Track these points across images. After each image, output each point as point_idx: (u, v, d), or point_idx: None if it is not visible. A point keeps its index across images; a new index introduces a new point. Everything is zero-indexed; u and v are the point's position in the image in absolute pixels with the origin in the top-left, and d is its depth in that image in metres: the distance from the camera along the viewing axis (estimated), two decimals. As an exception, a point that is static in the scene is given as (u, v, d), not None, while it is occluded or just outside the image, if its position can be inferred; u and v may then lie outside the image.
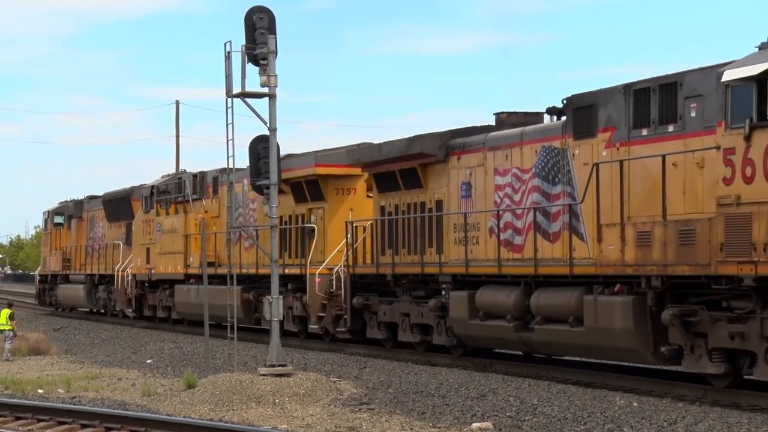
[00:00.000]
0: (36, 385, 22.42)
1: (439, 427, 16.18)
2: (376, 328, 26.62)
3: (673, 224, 18.07)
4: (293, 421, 17.09)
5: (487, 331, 22.62)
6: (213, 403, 18.85)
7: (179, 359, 26.85)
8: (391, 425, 16.34)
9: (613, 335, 19.27)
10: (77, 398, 20.42)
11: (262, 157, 20.74)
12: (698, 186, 17.97)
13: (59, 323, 43.12)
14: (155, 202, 39.53)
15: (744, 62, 17.05)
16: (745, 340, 17.05)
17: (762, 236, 16.46)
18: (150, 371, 24.78)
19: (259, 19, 20.21)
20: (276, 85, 20.40)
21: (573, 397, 18.14)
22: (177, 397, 19.78)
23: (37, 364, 27.50)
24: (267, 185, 20.67)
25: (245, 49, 20.33)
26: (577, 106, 20.83)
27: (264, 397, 18.91)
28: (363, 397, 19.10)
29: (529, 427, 15.82)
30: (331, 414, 17.59)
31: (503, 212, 22.79)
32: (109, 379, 23.34)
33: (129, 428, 15.84)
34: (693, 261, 17.62)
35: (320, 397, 19.15)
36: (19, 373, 24.84)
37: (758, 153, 16.58)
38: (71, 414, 17.01)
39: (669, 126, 18.75)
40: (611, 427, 15.48)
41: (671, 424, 15.46)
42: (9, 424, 16.90)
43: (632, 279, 18.99)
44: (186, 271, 36.59)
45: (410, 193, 25.77)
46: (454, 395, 18.90)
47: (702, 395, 17.52)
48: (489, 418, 16.53)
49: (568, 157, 21.13)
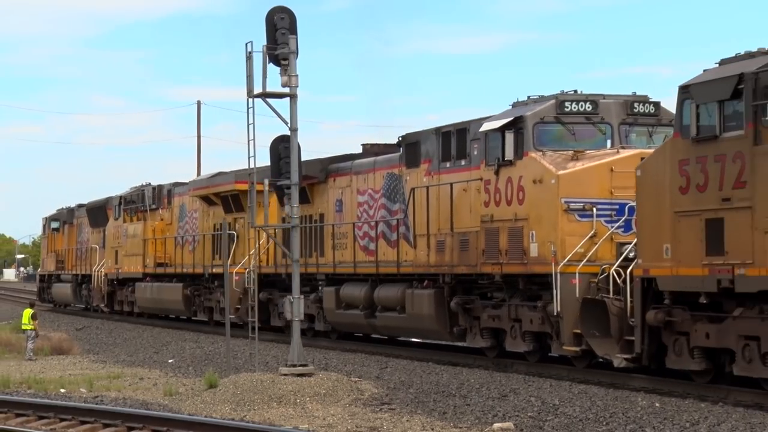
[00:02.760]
0: (58, 384, 22.45)
1: (460, 428, 16.19)
2: (276, 318, 32.31)
3: (458, 235, 23.66)
4: (314, 420, 17.10)
5: (347, 319, 28.24)
6: (234, 403, 18.86)
7: (200, 359, 27.14)
8: (412, 425, 16.39)
9: (422, 319, 24.87)
10: (99, 398, 20.45)
11: (283, 157, 20.96)
12: (476, 206, 23.49)
13: (81, 323, 43.28)
14: (123, 211, 45.20)
15: (496, 117, 22.63)
16: (501, 320, 22.68)
17: (505, 245, 22.08)
18: (171, 371, 24.91)
19: (280, 19, 20.22)
20: (297, 86, 20.40)
21: (595, 398, 18.05)
22: (198, 396, 19.75)
23: (60, 363, 27.69)
24: (288, 185, 21.10)
25: (266, 49, 20.30)
26: (408, 142, 26.36)
27: (285, 397, 18.93)
28: (384, 397, 19.10)
29: (551, 428, 15.82)
30: (352, 414, 17.59)
31: (362, 224, 28.39)
32: (131, 379, 23.49)
33: (151, 428, 15.81)
34: (468, 263, 23.24)
35: (341, 396, 19.16)
36: (42, 372, 24.98)
37: (503, 184, 22.25)
38: (93, 413, 16.97)
39: (462, 161, 24.26)
40: (633, 427, 15.49)
41: (693, 425, 15.44)
42: (32, 424, 16.89)
43: (435, 276, 24.57)
44: (144, 270, 42.27)
45: (302, 207, 31.29)
46: (476, 395, 18.88)
47: (725, 396, 17.54)
48: (510, 418, 16.56)
49: (402, 181, 26.66)
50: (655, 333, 18.76)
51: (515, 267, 21.94)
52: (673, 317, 18.36)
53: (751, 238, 16.67)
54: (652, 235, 18.59)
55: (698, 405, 17.06)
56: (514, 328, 22.34)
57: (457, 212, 23.91)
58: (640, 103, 21.95)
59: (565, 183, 20.96)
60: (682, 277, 17.97)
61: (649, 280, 18.77)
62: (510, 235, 22.05)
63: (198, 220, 38.45)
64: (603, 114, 21.82)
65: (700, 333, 17.90)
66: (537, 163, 21.47)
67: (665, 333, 18.59)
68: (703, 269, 17.51)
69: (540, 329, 21.63)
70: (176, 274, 39.30)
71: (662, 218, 18.31)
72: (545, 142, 21.67)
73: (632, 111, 21.85)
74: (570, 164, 21.25)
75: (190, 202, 39.00)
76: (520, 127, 21.88)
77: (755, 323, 16.93)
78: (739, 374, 17.36)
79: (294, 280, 21.25)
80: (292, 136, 20.79)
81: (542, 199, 21.30)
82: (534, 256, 21.46)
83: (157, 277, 41.11)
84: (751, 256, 16.68)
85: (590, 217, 20.85)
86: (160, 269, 40.69)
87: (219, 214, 36.35)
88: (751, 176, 16.69)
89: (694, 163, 17.71)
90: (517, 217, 21.89)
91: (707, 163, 17.45)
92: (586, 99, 21.84)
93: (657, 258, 18.43)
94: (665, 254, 18.26)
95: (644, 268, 18.81)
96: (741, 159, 16.86)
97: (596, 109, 21.81)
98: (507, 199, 22.09)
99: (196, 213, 38.48)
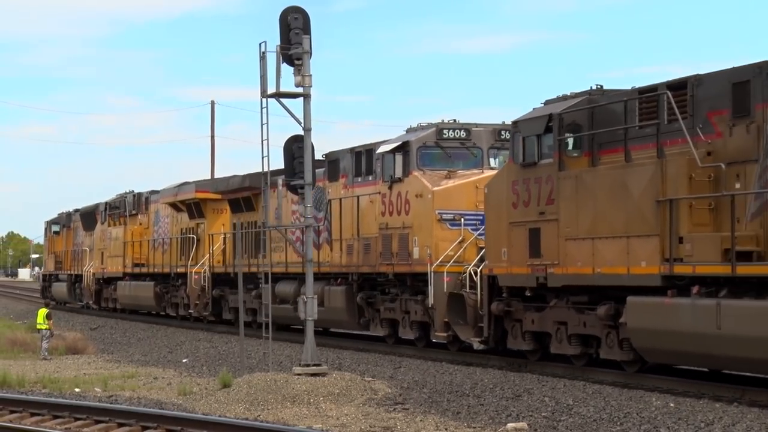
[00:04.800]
0: (73, 384, 22.56)
1: (474, 428, 16.20)
2: (227, 312, 36.84)
3: (363, 240, 28.12)
4: (328, 420, 17.13)
5: (281, 312, 32.61)
6: (248, 403, 18.92)
7: (214, 358, 27.51)
8: (425, 425, 16.40)
9: (337, 312, 29.32)
10: (114, 397, 20.56)
11: (297, 157, 21.18)
12: (376, 216, 27.89)
13: (96, 323, 44.22)
14: (108, 216, 49.88)
15: (391, 141, 27.07)
16: (395, 312, 27.16)
17: (396, 248, 26.54)
18: (186, 370, 25.18)
19: (294, 19, 20.34)
20: (311, 85, 20.52)
21: (609, 398, 18.08)
22: (212, 396, 19.85)
23: (74, 363, 27.98)
24: (302, 185, 21.50)
25: (280, 49, 20.39)
26: (330, 159, 30.79)
27: (299, 397, 19.01)
28: (397, 397, 19.17)
29: (565, 428, 15.79)
30: (366, 414, 17.58)
31: (294, 230, 32.81)
32: (145, 378, 23.65)
33: (165, 427, 15.80)
34: (370, 263, 27.70)
35: (355, 396, 19.20)
36: (57, 372, 25.18)
37: (394, 197, 26.73)
38: (108, 413, 16.95)
39: (369, 176, 28.69)
40: (648, 428, 15.48)
41: (708, 425, 15.42)
42: (46, 423, 16.84)
43: (346, 275, 29.04)
44: (124, 270, 46.87)
45: (248, 215, 35.89)
46: (489, 395, 18.94)
47: (740, 396, 17.62)
48: (524, 418, 16.56)
49: (326, 193, 31.05)
50: (499, 320, 23.18)
51: (403, 267, 26.39)
52: (510, 307, 22.78)
53: (557, 244, 21.07)
54: (494, 240, 23.03)
55: (713, 405, 17.08)
56: (405, 319, 26.80)
57: (363, 220, 28.31)
58: (507, 131, 26.31)
59: (438, 197, 25.41)
60: (515, 275, 22.40)
61: (493, 277, 23.20)
62: (399, 240, 26.48)
63: (168, 225, 43.01)
64: (475, 140, 26.24)
65: (528, 320, 22.31)
66: (419, 181, 25.91)
67: (506, 320, 23.01)
68: (527, 268, 21.93)
69: (422, 319, 26.06)
70: (149, 274, 43.93)
71: (501, 227, 22.74)
72: (426, 163, 26.12)
73: (499, 137, 26.21)
74: (444, 182, 25.70)
75: (163, 209, 43.60)
76: (407, 150, 26.33)
77: (564, 311, 21.34)
78: (555, 352, 21.75)
79: (307, 280, 21.46)
80: (305, 135, 20.95)
81: (422, 211, 25.76)
82: (416, 258, 25.90)
83: (135, 276, 45.78)
84: (557, 258, 21.09)
85: (459, 226, 25.25)
86: (137, 269, 45.36)
87: (185, 220, 40.92)
88: (557, 195, 21.10)
89: (521, 183, 22.12)
90: (404, 225, 26.36)
91: (530, 183, 21.87)
92: (461, 127, 26.27)
93: (498, 259, 22.86)
94: (503, 256, 22.68)
95: (489, 267, 23.25)
96: (551, 181, 21.28)
97: (469, 136, 26.24)
98: (397, 210, 26.55)
99: (168, 218, 43.07)
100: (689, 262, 18.10)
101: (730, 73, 18.14)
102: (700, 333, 17.60)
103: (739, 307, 17.06)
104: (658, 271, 18.60)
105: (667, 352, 18.70)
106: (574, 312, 21.03)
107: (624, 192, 19.36)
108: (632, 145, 19.75)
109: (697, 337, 17.72)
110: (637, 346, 19.35)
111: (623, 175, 19.52)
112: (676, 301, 18.18)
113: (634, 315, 19.08)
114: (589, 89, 21.48)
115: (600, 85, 21.50)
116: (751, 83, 17.67)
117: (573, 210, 20.67)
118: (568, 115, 21.05)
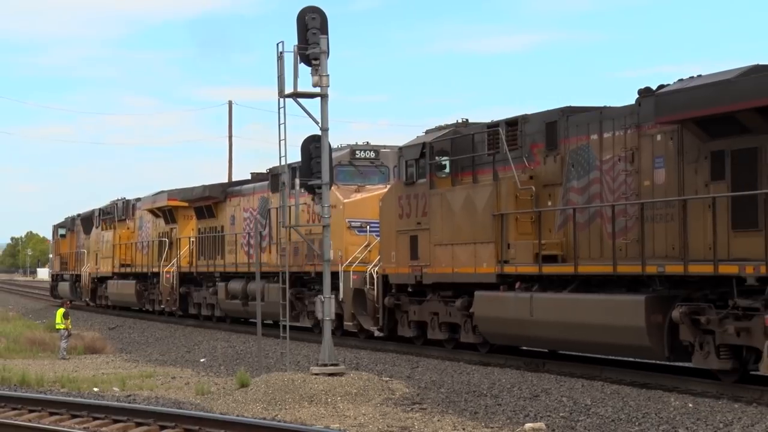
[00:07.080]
0: (91, 383, 22.68)
1: (491, 428, 16.17)
2: (192, 307, 41.75)
3: (293, 243, 32.84)
4: (345, 420, 17.16)
5: (233, 307, 37.53)
6: (266, 402, 18.92)
7: (232, 358, 27.78)
8: (443, 425, 16.38)
9: (274, 306, 33.95)
10: (132, 397, 20.63)
11: (314, 157, 21.31)
12: (304, 223, 32.60)
13: (114, 322, 44.98)
14: (101, 221, 54.79)
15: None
16: (316, 306, 31.90)
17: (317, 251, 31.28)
18: (203, 370, 25.36)
19: (311, 19, 20.39)
20: (328, 85, 20.51)
21: (627, 398, 17.98)
22: (230, 395, 19.90)
23: (93, 362, 28.25)
24: (319, 185, 21.59)
25: (297, 49, 20.40)
26: (273, 173, 35.51)
27: (316, 396, 19.02)
28: (415, 397, 19.17)
29: (583, 428, 15.75)
30: (383, 413, 17.60)
31: (245, 235, 37.67)
32: (163, 378, 23.73)
33: (183, 427, 15.80)
34: (298, 264, 32.46)
35: (372, 396, 19.21)
36: (75, 371, 25.32)
37: (317, 207, 31.42)
38: (126, 412, 16.97)
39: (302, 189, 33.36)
40: (666, 428, 15.42)
41: (727, 426, 15.36)
42: (65, 422, 16.91)
43: (282, 274, 33.80)
44: (113, 270, 51.74)
45: (210, 221, 40.72)
46: (507, 395, 18.92)
47: (759, 397, 17.55)
48: (542, 418, 16.48)
49: (269, 203, 35.87)
50: (392, 312, 27.86)
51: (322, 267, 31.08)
52: (399, 301, 27.47)
53: (429, 249, 25.75)
54: (386, 245, 27.73)
55: (732, 405, 16.98)
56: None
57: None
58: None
59: (348, 208, 30.16)
60: (400, 274, 27.09)
61: (385, 276, 27.91)
62: (319, 244, 31.17)
63: (150, 229, 47.83)
64: (383, 159, 30.98)
65: (412, 311, 26.99)
66: (333, 194, 30.43)
67: (396, 312, 27.71)
68: (409, 269, 26.62)
69: (337, 311, 30.74)
70: (133, 273, 48.77)
71: (391, 234, 27.44)
72: (341, 179, 30.85)
73: (405, 157, 30.89)
74: (353, 195, 30.44)
75: (146, 215, 48.41)
76: (325, 168, 31.05)
77: (435, 304, 26.02)
78: (432, 338, 26.40)
79: (325, 280, 21.71)
80: (323, 135, 20.97)
81: (335, 219, 30.29)
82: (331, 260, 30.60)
83: (122, 275, 50.64)
84: (429, 260, 25.77)
85: (365, 232, 29.98)
86: (123, 269, 50.22)
87: (162, 225, 45.76)
88: (429, 209, 25.79)
89: (405, 198, 26.81)
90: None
91: (410, 199, 26.55)
92: (371, 149, 31.03)
93: (388, 261, 27.56)
94: (392, 259, 27.38)
95: (383, 268, 27.98)
96: (425, 197, 25.97)
97: (377, 156, 30.95)
98: (318, 218, 31.26)
99: (149, 224, 47.89)
100: (514, 263, 22.81)
101: (545, 115, 22.85)
102: (519, 319, 22.31)
103: (543, 299, 21.79)
104: (494, 270, 23.32)
105: (502, 335, 23.44)
106: (443, 304, 25.70)
107: (472, 207, 24.05)
108: (478, 170, 24.51)
109: (518, 323, 22.44)
110: (482, 331, 24.07)
111: (472, 194, 24.21)
112: (505, 294, 22.93)
113: (479, 306, 23.79)
114: (455, 122, 26.15)
115: (465, 119, 26.15)
116: (558, 123, 22.36)
117: (439, 221, 25.35)
118: (437, 144, 25.75)
